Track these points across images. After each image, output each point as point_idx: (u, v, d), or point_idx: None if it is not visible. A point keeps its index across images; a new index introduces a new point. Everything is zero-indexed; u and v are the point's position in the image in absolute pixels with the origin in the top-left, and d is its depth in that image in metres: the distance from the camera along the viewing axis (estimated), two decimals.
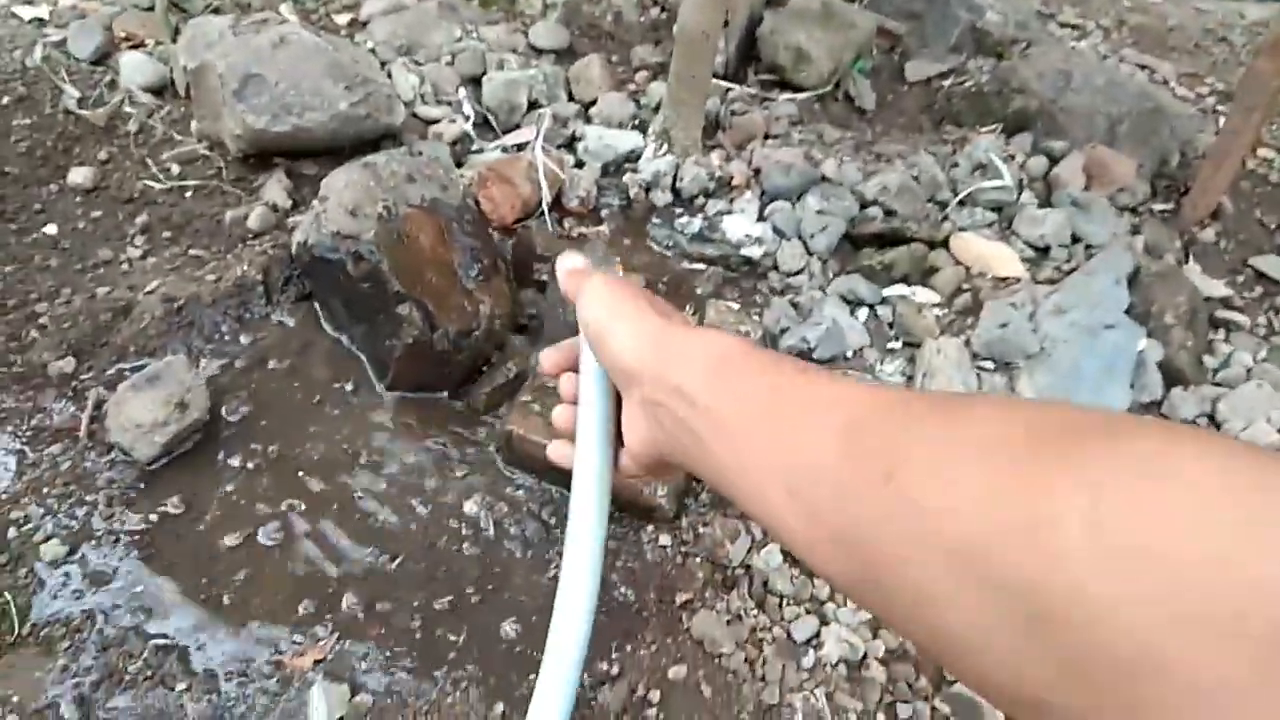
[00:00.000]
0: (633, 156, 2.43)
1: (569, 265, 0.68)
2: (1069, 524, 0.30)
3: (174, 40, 2.41)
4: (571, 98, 2.59)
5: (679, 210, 2.35)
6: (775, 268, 2.21)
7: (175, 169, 2.21)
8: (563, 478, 1.67)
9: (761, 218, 2.30)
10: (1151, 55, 3.19)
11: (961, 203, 2.32)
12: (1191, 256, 2.36)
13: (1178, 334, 2.07)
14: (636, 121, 2.53)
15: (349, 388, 1.82)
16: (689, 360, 0.54)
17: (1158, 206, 2.45)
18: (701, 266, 2.23)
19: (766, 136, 2.50)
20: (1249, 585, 0.26)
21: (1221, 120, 2.65)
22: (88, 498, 1.58)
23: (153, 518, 1.58)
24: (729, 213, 2.30)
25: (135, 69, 2.39)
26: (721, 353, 0.53)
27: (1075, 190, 2.34)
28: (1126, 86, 2.55)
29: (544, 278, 2.06)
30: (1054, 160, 2.43)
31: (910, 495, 0.37)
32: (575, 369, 0.67)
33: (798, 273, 2.19)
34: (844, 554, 0.41)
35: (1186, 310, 2.11)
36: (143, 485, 1.62)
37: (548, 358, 0.69)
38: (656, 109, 2.50)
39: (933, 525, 0.36)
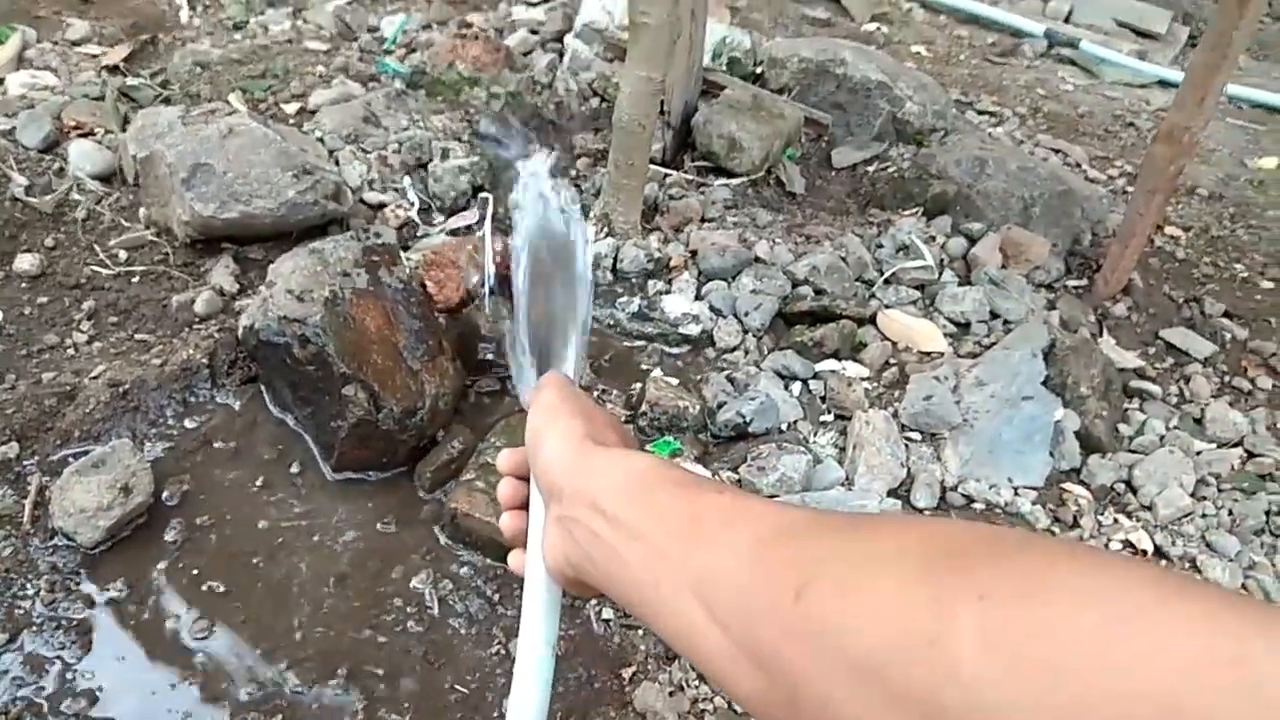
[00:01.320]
0: None
1: (540, 382, 0.69)
2: (963, 638, 0.33)
3: (124, 129, 2.47)
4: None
5: (620, 290, 2.43)
6: (712, 344, 2.30)
7: (123, 255, 2.25)
8: (506, 556, 1.71)
9: (699, 297, 2.39)
10: (1064, 140, 3.40)
11: (887, 281, 2.44)
12: (1105, 330, 2.50)
13: (1093, 404, 2.19)
14: (579, 206, 2.62)
15: (294, 469, 1.85)
16: (609, 476, 0.56)
17: (1071, 283, 2.60)
18: (642, 343, 2.31)
19: (702, 220, 2.61)
20: (1132, 692, 0.29)
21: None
22: (29, 585, 1.58)
23: (96, 603, 1.58)
24: (668, 292, 2.39)
25: (84, 157, 2.43)
26: (641, 471, 0.55)
27: (993, 269, 2.48)
28: (1039, 170, 2.72)
29: (489, 357, 2.12)
30: (972, 241, 2.58)
31: (818, 613, 0.40)
32: (527, 476, 0.69)
33: (734, 349, 2.28)
34: (758, 670, 0.43)
35: (1101, 381, 2.23)
36: (86, 571, 1.62)
37: (504, 459, 0.72)
38: (597, 194, 2.61)
39: (837, 642, 0.38)
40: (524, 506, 0.71)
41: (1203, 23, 4.31)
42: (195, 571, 1.66)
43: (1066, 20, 4.45)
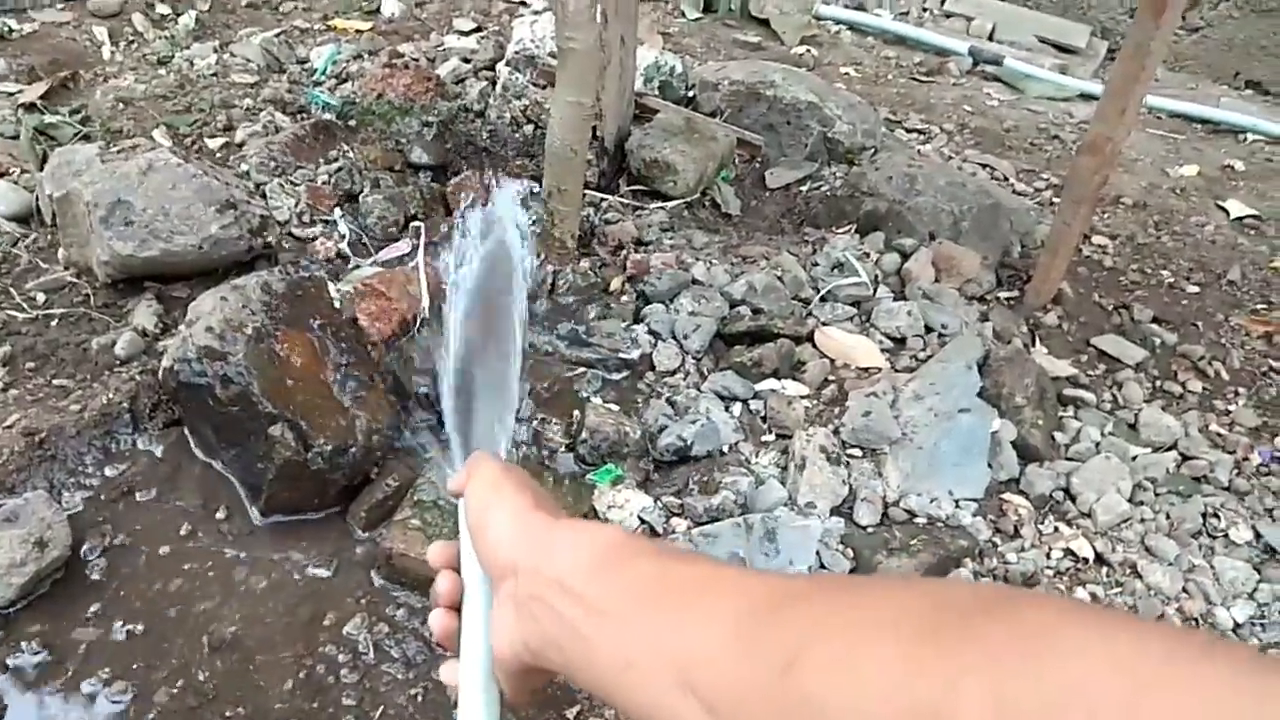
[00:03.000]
0: None
1: (470, 461, 0.65)
2: (969, 708, 0.32)
3: (41, 168, 2.40)
4: (449, 212, 2.65)
5: (558, 316, 2.41)
6: (652, 368, 2.28)
7: (41, 298, 2.17)
8: None
9: (637, 320, 2.38)
10: (992, 155, 3.46)
11: (823, 299, 2.45)
12: (1038, 340, 2.54)
13: (1028, 413, 2.21)
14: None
15: (220, 515, 1.79)
16: (571, 552, 0.52)
17: (1003, 295, 2.63)
18: (581, 370, 2.28)
19: (639, 243, 2.60)
20: None
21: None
22: None
23: (9, 667, 1.50)
24: (606, 317, 2.37)
25: None
26: (605, 543, 0.52)
27: (926, 283, 2.51)
28: (967, 185, 2.76)
29: (424, 390, 2.08)
30: (905, 256, 2.60)
31: (811, 690, 0.37)
32: (459, 568, 0.65)
33: (673, 372, 2.26)
34: None
35: (1035, 390, 2.25)
36: None
37: (434, 553, 0.66)
38: (534, 220, 2.58)
39: None
40: (458, 606, 0.65)
41: (1120, 37, 4.44)
42: (116, 628, 1.59)
43: (990, 38, 4.56)
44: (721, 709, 0.41)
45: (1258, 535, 2.09)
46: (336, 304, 2.12)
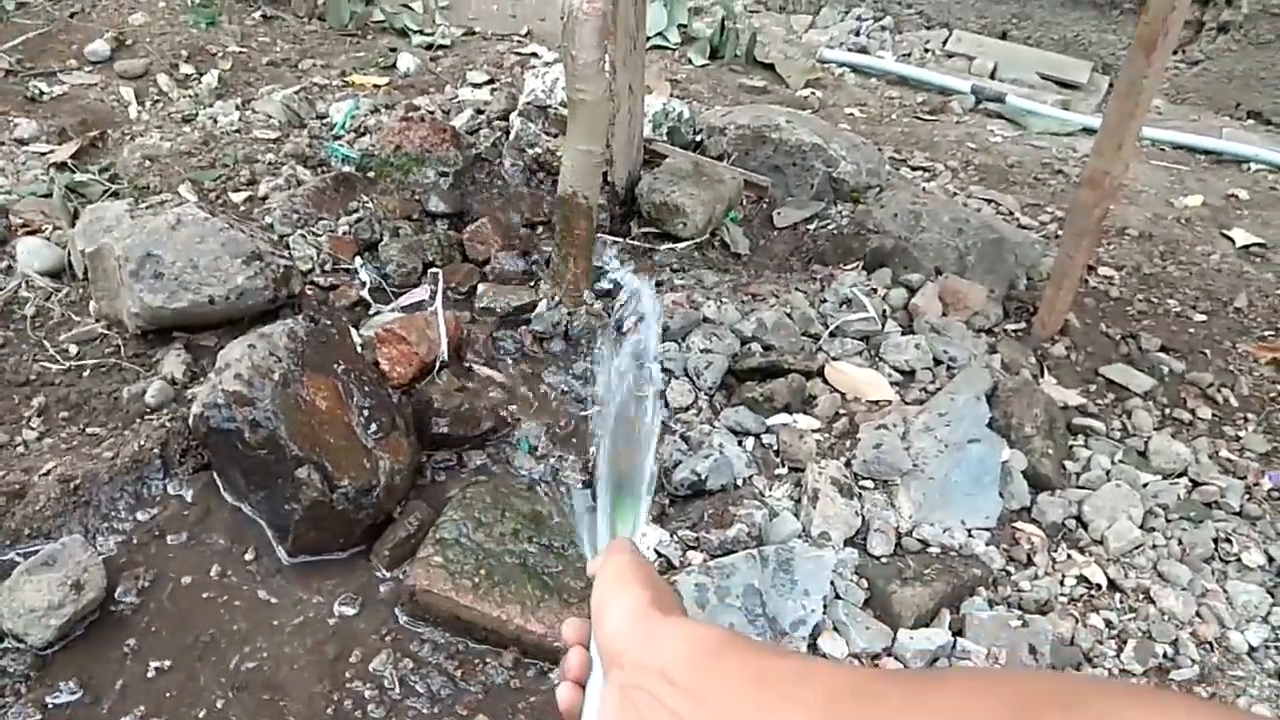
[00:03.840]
0: (527, 309, 2.56)
1: (609, 547, 0.71)
2: None
3: (72, 225, 2.49)
4: (465, 258, 2.73)
5: (573, 357, 2.47)
6: (666, 405, 2.33)
7: (73, 349, 2.25)
8: (467, 630, 1.71)
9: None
10: (996, 190, 3.52)
11: (832, 335, 2.50)
12: (1045, 370, 2.57)
13: (1038, 443, 2.24)
14: (529, 276, 2.68)
15: (249, 556, 1.84)
16: (675, 644, 0.56)
17: (1010, 326, 2.68)
18: (597, 408, 2.33)
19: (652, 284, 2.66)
20: None
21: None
22: None
23: (48, 706, 1.55)
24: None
25: (32, 254, 2.44)
26: (708, 638, 0.56)
27: (933, 317, 2.56)
28: (972, 220, 2.81)
29: (444, 431, 2.13)
30: (912, 291, 2.65)
31: None
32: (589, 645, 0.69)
33: (687, 408, 2.31)
34: None
35: (1044, 420, 2.29)
36: (36, 673, 1.59)
37: (570, 628, 0.71)
38: (547, 264, 2.66)
39: None
40: (584, 682, 0.69)
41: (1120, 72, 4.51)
42: (151, 667, 1.64)
43: (992, 76, 4.64)
44: None
45: (1270, 559, 2.11)
46: (359, 349, 2.19)
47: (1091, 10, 4.75)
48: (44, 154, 3.01)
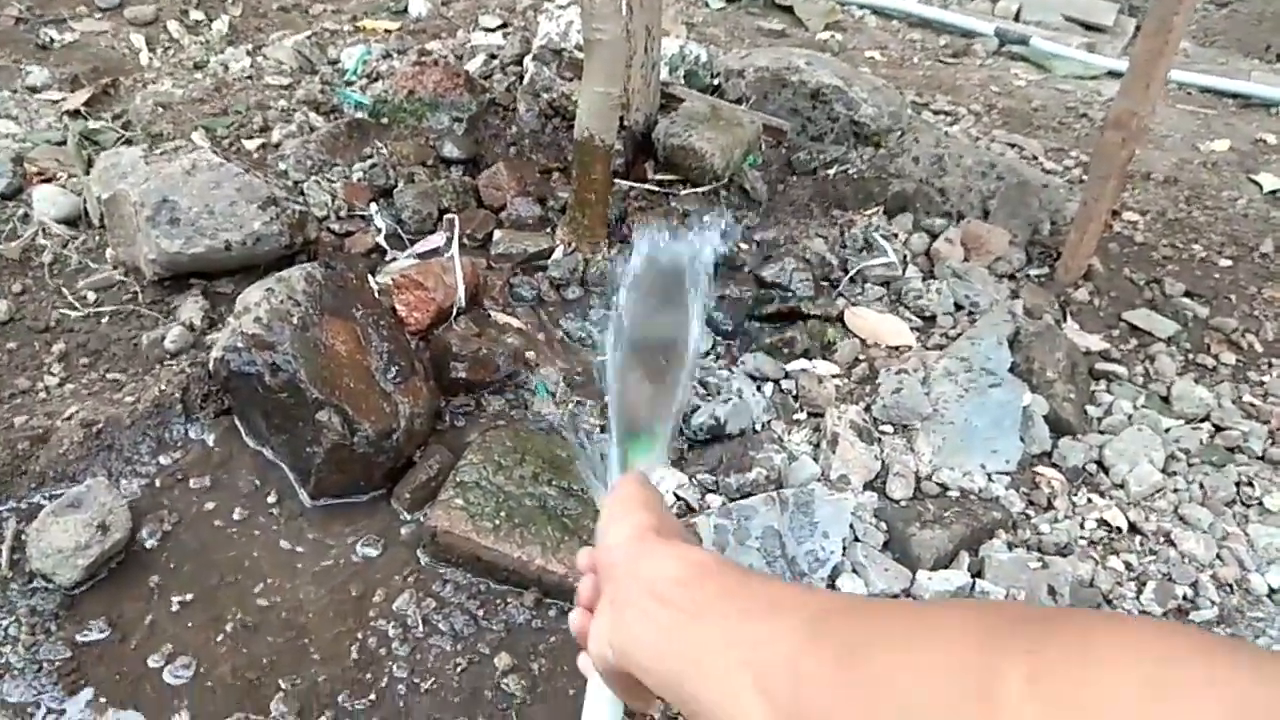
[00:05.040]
0: (543, 255, 2.54)
1: (622, 478, 0.74)
2: (1010, 690, 0.36)
3: (87, 172, 2.48)
4: (481, 204, 2.71)
5: (589, 302, 2.45)
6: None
7: (91, 296, 2.25)
8: (489, 571, 1.73)
9: None
10: (1019, 134, 3.46)
11: (852, 280, 2.48)
12: (1068, 315, 2.54)
13: (1060, 387, 2.23)
14: (545, 222, 2.65)
15: (271, 499, 1.85)
16: (667, 564, 0.59)
17: (1033, 272, 2.64)
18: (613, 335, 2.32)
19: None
20: None
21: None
22: (9, 629, 1.58)
23: (77, 644, 1.58)
24: None
25: (48, 201, 2.44)
26: (699, 561, 0.59)
27: (955, 262, 2.52)
28: (995, 164, 2.77)
29: (461, 376, 2.13)
30: (933, 236, 2.62)
31: (869, 672, 0.42)
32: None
33: (706, 354, 2.30)
34: None
35: (1066, 365, 2.26)
36: (65, 612, 1.62)
37: (583, 555, 0.74)
38: (563, 210, 2.63)
39: (889, 698, 0.40)
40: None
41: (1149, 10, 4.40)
42: (176, 607, 1.66)
43: (1016, 18, 4.54)
44: (783, 695, 0.46)
45: None
46: (375, 295, 2.18)
47: None
48: (56, 101, 2.99)
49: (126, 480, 1.85)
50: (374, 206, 2.60)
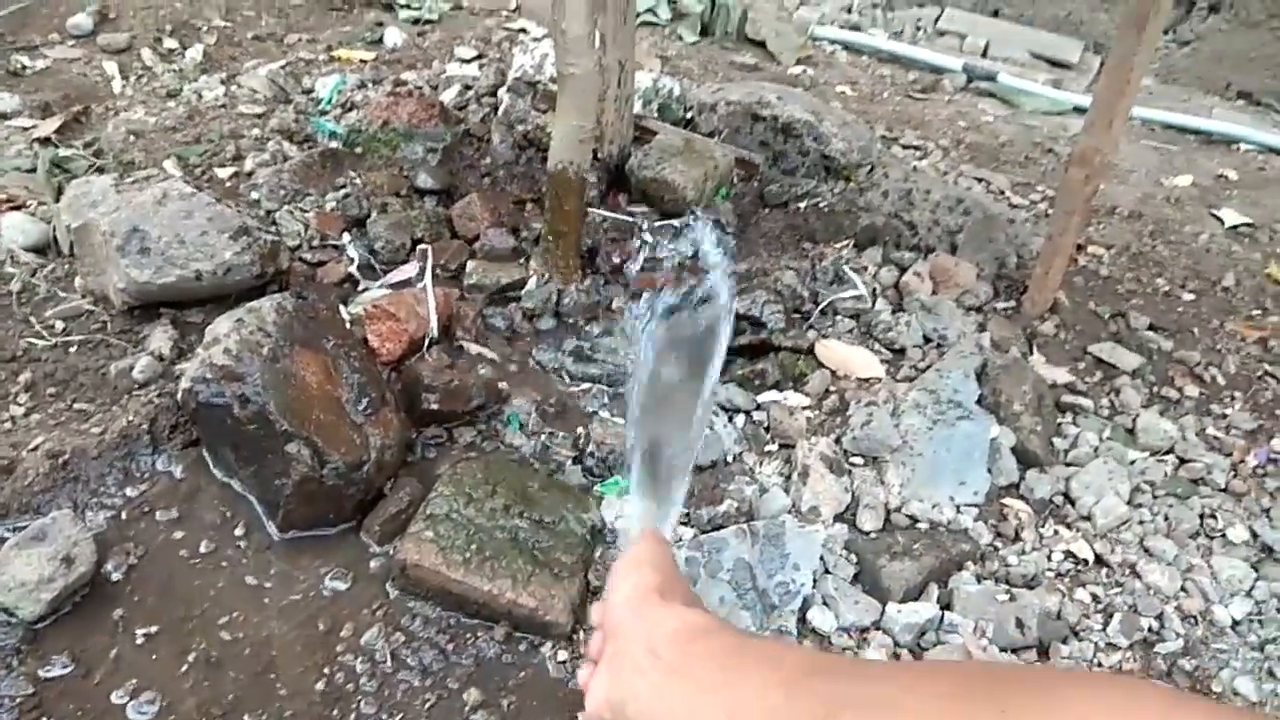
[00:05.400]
0: (517, 286, 2.55)
1: (639, 535, 0.77)
2: None
3: (57, 200, 2.46)
4: (454, 234, 2.71)
5: (562, 334, 2.46)
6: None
7: (59, 325, 2.23)
8: (459, 604, 1.72)
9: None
10: (987, 169, 3.52)
11: (823, 312, 2.50)
12: (1035, 348, 2.58)
13: (1027, 420, 2.25)
14: (518, 253, 2.66)
15: (239, 531, 1.83)
16: (664, 624, 0.63)
17: (1000, 305, 2.68)
18: (586, 385, 2.33)
19: (641, 260, 2.65)
20: None
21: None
22: None
23: (41, 678, 1.55)
24: (609, 333, 2.43)
25: (17, 230, 2.42)
26: (694, 622, 0.62)
27: (923, 295, 2.56)
28: (963, 198, 2.81)
29: (433, 407, 2.13)
30: (902, 269, 2.66)
31: None
32: None
33: None
34: None
35: (1033, 398, 2.29)
36: (28, 646, 1.59)
37: (596, 611, 0.76)
38: (536, 241, 2.64)
39: None
40: None
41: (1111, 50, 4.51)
42: (141, 641, 1.63)
43: (983, 55, 4.63)
44: None
45: (1254, 535, 2.13)
46: (348, 325, 2.18)
47: None
48: (27, 129, 2.98)
49: (92, 512, 1.83)
50: (347, 236, 2.60)
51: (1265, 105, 4.52)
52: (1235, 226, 3.43)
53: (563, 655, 1.71)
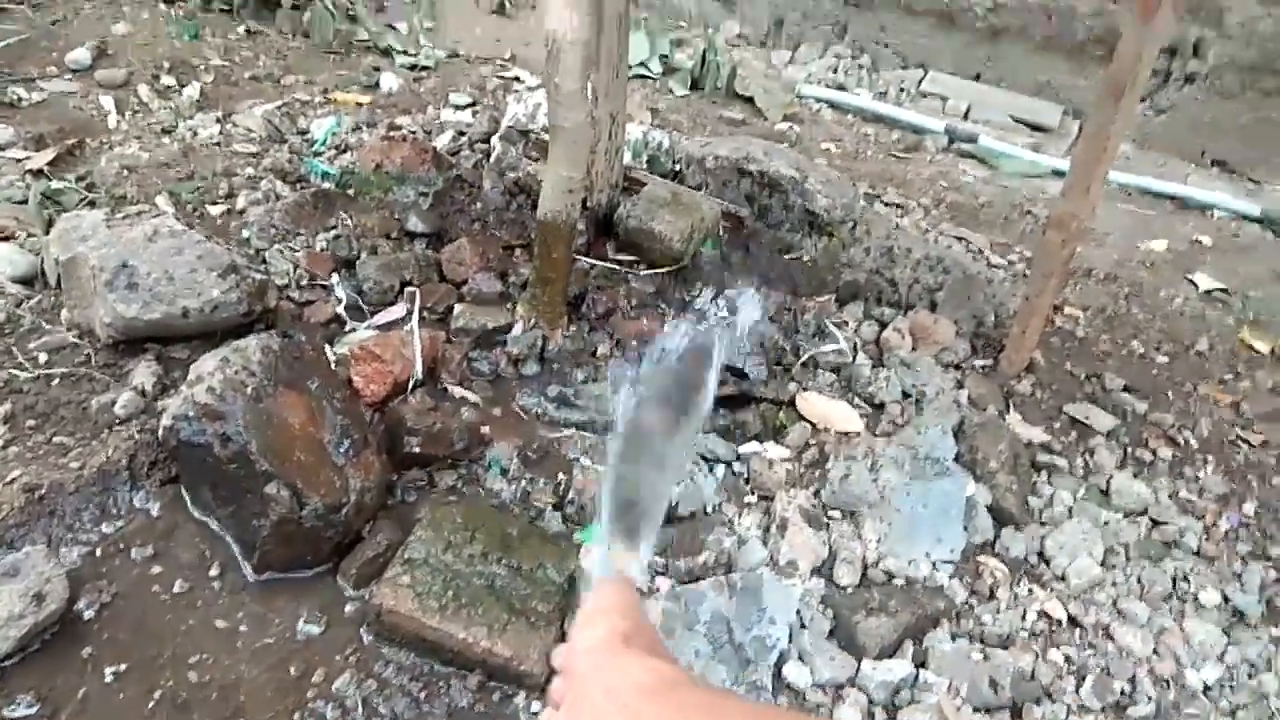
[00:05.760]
0: (503, 330, 2.57)
1: (606, 580, 0.77)
2: None
3: (47, 232, 2.47)
4: (443, 278, 2.74)
5: (547, 379, 2.48)
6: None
7: (43, 357, 2.23)
8: (433, 651, 1.71)
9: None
10: (967, 228, 3.58)
11: (804, 365, 2.53)
12: (1011, 407, 2.62)
13: (1003, 478, 2.28)
14: (506, 298, 2.68)
15: (214, 572, 1.83)
16: (631, 673, 0.63)
17: (978, 363, 2.72)
18: (569, 432, 2.34)
19: (627, 309, 2.68)
20: None
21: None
22: None
23: (5, 718, 1.53)
24: (594, 380, 2.45)
25: (5, 260, 2.42)
26: (659, 674, 0.62)
27: (903, 351, 2.60)
28: (943, 257, 2.87)
29: (415, 450, 2.13)
30: (883, 325, 2.70)
31: None
32: None
33: None
34: None
35: (1009, 456, 2.32)
36: None
37: (556, 655, 0.76)
38: (524, 286, 2.67)
39: None
40: None
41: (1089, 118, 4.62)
42: (111, 682, 1.62)
43: (965, 117, 4.74)
44: None
45: (1225, 599, 2.15)
46: (332, 366, 2.19)
47: (1063, 56, 4.86)
48: (20, 160, 2.99)
49: (67, 548, 1.81)
50: (335, 277, 2.62)
51: (1238, 173, 4.63)
52: (1209, 291, 3.50)
53: (536, 706, 1.70)
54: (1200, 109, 4.67)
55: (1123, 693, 1.91)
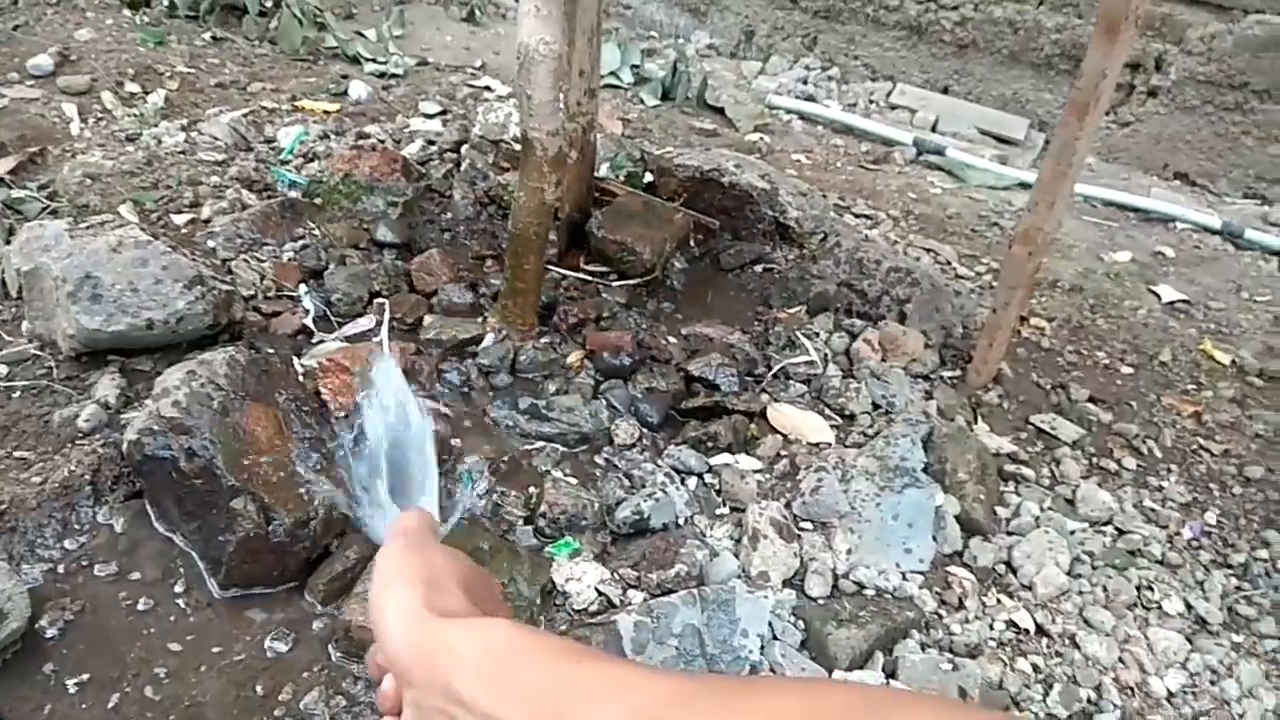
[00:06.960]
0: (473, 341, 2.56)
1: (395, 523, 0.64)
2: None
3: (8, 242, 2.43)
4: (413, 289, 2.72)
5: (518, 391, 2.47)
6: (610, 442, 2.34)
7: (3, 370, 2.19)
8: None
9: (596, 396, 2.45)
10: (935, 240, 3.62)
11: (775, 377, 2.54)
12: (979, 417, 2.64)
13: (971, 488, 2.30)
14: (476, 309, 2.67)
15: (179, 588, 1.80)
16: (459, 655, 0.50)
17: (946, 374, 2.75)
18: (540, 444, 2.34)
19: (598, 320, 2.68)
20: None
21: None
22: None
23: None
24: (565, 392, 2.44)
25: None
26: (496, 645, 0.50)
27: (873, 363, 2.62)
28: (912, 269, 2.89)
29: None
30: (853, 336, 2.72)
31: None
32: None
33: (630, 447, 2.33)
34: None
35: (977, 466, 2.35)
36: None
37: (371, 656, 0.63)
38: (495, 297, 2.66)
39: None
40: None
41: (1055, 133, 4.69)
42: (74, 701, 1.59)
43: (933, 129, 4.79)
44: None
45: (1189, 607, 2.18)
46: (300, 378, 2.16)
47: (1030, 70, 4.94)
48: None
49: (29, 565, 1.78)
50: (303, 287, 2.59)
51: (1200, 186, 4.72)
52: (1172, 302, 3.56)
53: None
54: (1163, 123, 4.76)
55: (1089, 700, 1.94)
